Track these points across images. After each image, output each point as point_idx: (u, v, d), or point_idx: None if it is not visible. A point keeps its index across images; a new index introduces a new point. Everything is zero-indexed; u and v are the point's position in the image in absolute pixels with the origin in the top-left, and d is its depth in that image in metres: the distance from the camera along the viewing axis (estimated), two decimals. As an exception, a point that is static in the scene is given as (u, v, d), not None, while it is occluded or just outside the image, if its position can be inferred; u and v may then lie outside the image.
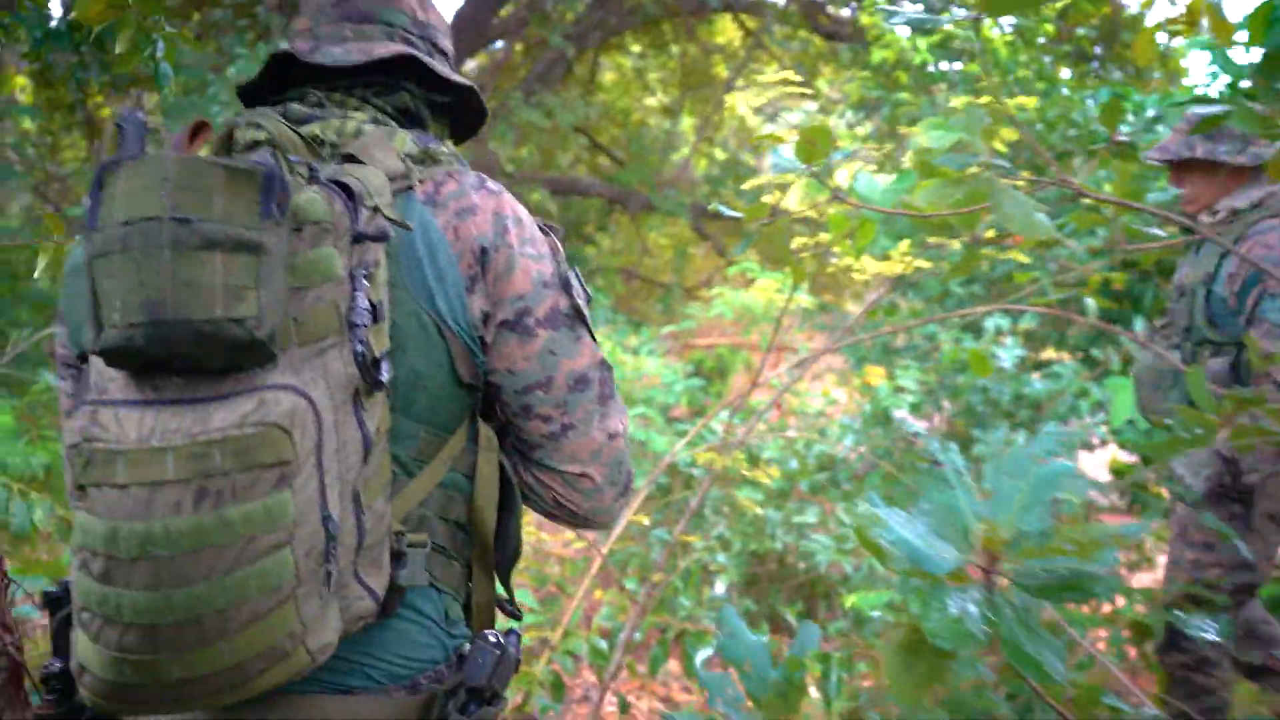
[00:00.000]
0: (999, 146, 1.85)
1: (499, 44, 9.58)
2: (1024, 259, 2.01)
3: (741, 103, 12.53)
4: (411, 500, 1.13)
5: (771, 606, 3.80)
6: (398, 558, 1.09)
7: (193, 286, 0.91)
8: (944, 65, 5.25)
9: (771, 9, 8.98)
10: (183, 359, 0.94)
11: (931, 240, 2.36)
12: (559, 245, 1.26)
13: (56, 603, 1.14)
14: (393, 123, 1.24)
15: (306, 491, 0.97)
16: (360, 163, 1.12)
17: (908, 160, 1.82)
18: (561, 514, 1.26)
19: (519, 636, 1.20)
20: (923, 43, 4.85)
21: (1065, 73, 5.38)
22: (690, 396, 4.84)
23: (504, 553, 1.25)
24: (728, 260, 11.06)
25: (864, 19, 5.10)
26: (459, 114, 1.38)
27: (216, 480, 0.93)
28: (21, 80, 12.29)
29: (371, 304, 1.04)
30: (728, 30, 13.10)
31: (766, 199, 2.02)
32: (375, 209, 1.06)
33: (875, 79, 5.36)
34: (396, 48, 1.24)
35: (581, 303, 1.23)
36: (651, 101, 12.76)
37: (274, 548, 0.95)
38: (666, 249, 11.90)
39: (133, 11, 1.52)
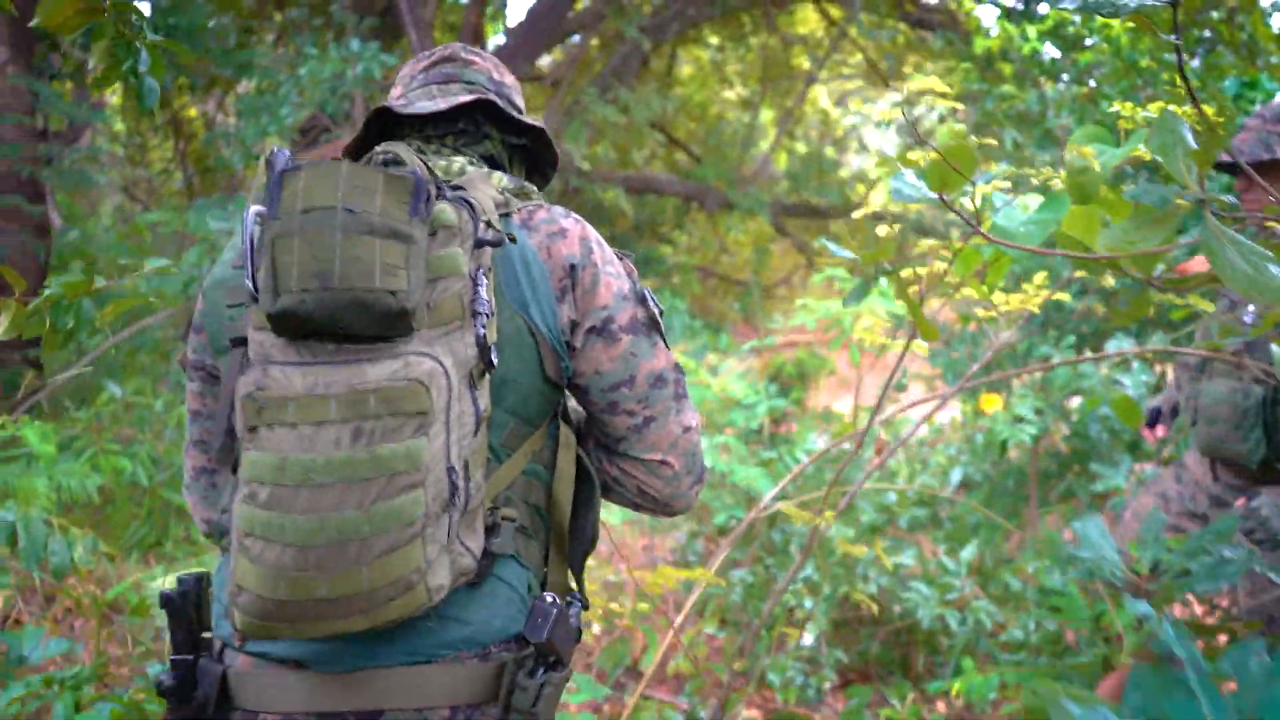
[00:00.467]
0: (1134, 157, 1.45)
1: (574, 39, 9.28)
2: (1208, 307, 1.61)
3: (824, 95, 12.02)
4: (501, 483, 1.27)
5: (864, 655, 3.43)
6: (491, 529, 1.23)
7: (356, 261, 1.09)
8: (1051, 55, 4.77)
9: (858, -3, 8.50)
10: (341, 323, 1.10)
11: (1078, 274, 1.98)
12: (633, 268, 1.41)
13: (171, 603, 1.26)
14: (485, 166, 1.42)
15: (437, 443, 1.12)
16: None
17: (1060, 180, 1.43)
18: (644, 501, 1.39)
19: (581, 606, 1.32)
20: (1031, 30, 4.39)
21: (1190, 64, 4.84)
22: (772, 410, 4.47)
23: (579, 543, 1.38)
24: (809, 259, 10.60)
25: (964, 4, 4.64)
26: (534, 162, 1.57)
27: (370, 422, 1.10)
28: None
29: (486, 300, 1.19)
30: (809, 20, 12.60)
31: (876, 225, 1.66)
32: (489, 223, 1.23)
33: (976, 70, 4.90)
34: (475, 95, 1.43)
35: (656, 313, 1.36)
36: (729, 95, 12.34)
37: (411, 486, 1.10)
38: (745, 246, 11.49)
39: (109, 16, 1.24)
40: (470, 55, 1.51)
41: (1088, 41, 4.77)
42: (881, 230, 1.55)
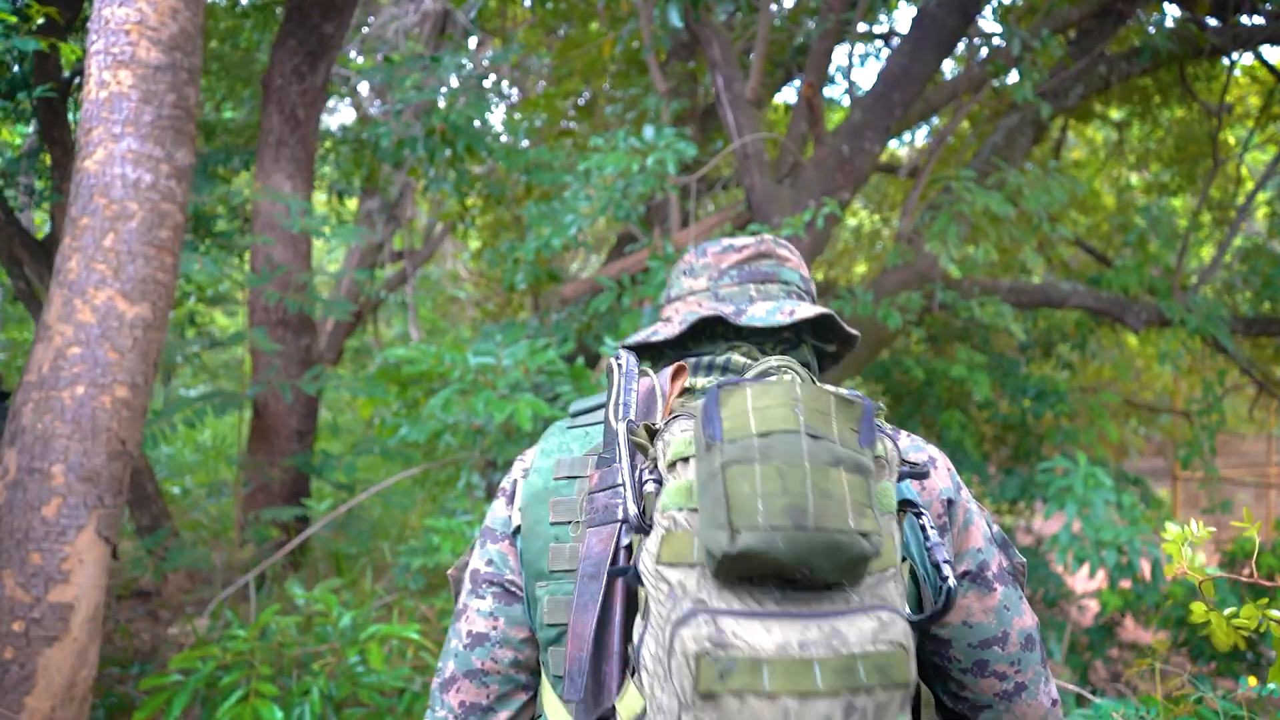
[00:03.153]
0: None
1: (935, 121, 7.08)
2: None
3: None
4: None
5: None
6: None
7: (828, 498, 0.87)
8: None
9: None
10: (808, 567, 0.86)
11: None
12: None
13: None
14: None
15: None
16: None
17: None
18: None
19: None
20: None
21: None
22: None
23: None
24: (1260, 383, 7.35)
25: None
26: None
27: (861, 697, 0.83)
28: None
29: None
30: (1238, 82, 9.40)
31: None
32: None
33: None
34: (816, 309, 1.24)
35: (1021, 561, 1.16)
36: (1136, 180, 9.39)
37: None
38: (1154, 361, 8.41)
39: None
40: (784, 251, 1.35)
41: None
42: None
